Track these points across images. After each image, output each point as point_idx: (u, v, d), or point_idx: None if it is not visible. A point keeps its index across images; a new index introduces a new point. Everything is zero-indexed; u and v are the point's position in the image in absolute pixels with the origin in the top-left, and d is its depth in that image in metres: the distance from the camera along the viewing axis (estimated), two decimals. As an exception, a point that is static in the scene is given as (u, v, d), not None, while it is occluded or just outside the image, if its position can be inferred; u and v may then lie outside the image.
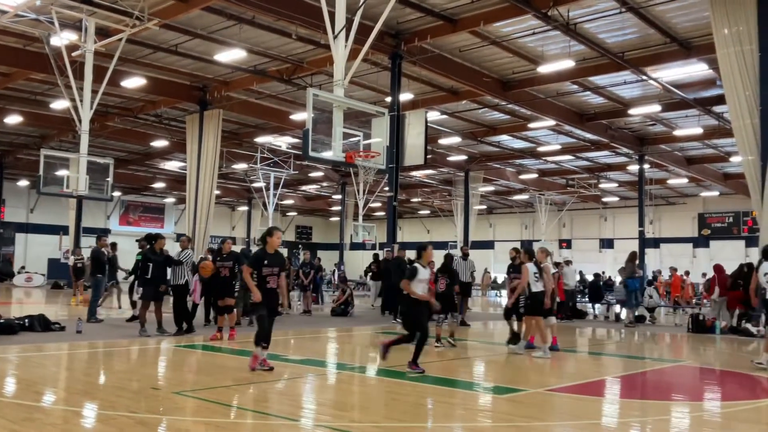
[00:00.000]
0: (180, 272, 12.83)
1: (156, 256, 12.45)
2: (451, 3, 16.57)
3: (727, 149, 29.50)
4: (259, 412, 6.63)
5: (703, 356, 12.64)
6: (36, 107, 25.67)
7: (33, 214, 43.19)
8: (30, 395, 6.90)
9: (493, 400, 7.62)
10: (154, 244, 12.65)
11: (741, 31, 14.47)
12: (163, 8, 16.48)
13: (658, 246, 42.58)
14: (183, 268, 12.86)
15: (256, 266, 8.51)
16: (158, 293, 12.48)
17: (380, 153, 12.16)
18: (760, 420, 7.01)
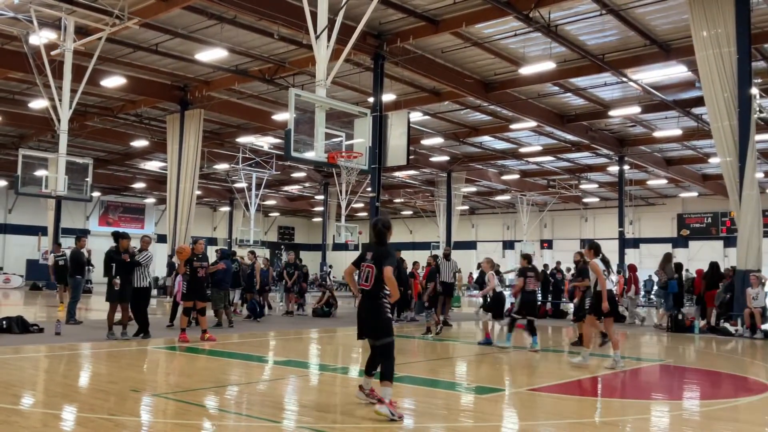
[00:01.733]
0: (141, 274, 12.25)
1: (119, 256, 12.01)
2: (434, 4, 16.60)
3: (705, 150, 29.84)
4: (240, 414, 6.59)
5: (682, 355, 12.76)
6: (14, 107, 25.35)
7: (11, 214, 42.63)
8: (8, 398, 6.81)
9: (476, 400, 7.64)
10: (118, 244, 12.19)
11: (719, 34, 14.67)
12: (144, 7, 16.34)
13: (637, 246, 42.95)
14: (145, 270, 12.28)
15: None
16: (123, 294, 12.05)
17: (363, 153, 12.16)
18: (738, 418, 7.09)
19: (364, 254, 6.63)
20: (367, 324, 6.55)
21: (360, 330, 6.67)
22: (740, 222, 14.91)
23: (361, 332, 6.66)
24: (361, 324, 6.63)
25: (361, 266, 6.56)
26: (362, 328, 6.62)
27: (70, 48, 16.55)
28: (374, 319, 6.47)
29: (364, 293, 6.52)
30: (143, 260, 12.33)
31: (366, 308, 6.54)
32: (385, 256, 6.43)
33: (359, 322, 6.65)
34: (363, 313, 6.57)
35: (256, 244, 33.21)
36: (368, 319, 6.53)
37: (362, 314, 6.58)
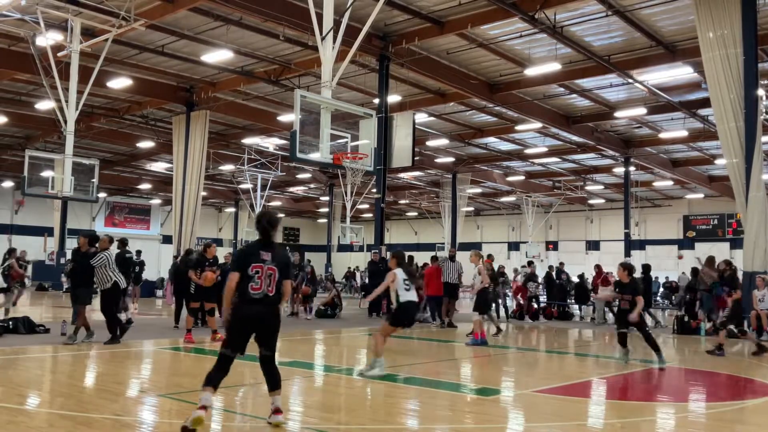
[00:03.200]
0: (104, 275, 11.42)
1: (80, 258, 11.55)
2: (439, 5, 16.60)
3: (712, 152, 29.75)
4: (245, 414, 6.60)
5: (688, 357, 12.72)
6: (21, 108, 25.44)
7: (18, 215, 42.79)
8: (14, 398, 6.83)
9: (480, 402, 7.63)
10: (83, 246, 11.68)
11: (726, 35, 14.62)
12: (150, 9, 16.39)
13: (643, 248, 42.82)
14: (107, 270, 11.40)
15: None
16: (77, 297, 11.63)
17: (368, 155, 12.16)
18: (744, 420, 7.07)
19: (254, 254, 5.75)
20: (267, 333, 5.80)
21: (239, 342, 5.71)
22: (747, 224, 14.85)
23: (239, 345, 5.73)
24: (250, 332, 5.75)
25: (255, 267, 5.68)
26: (258, 338, 5.80)
27: (76, 49, 16.61)
28: (275, 330, 5.85)
29: (260, 300, 5.67)
30: (95, 262, 11.31)
31: (268, 316, 5.76)
32: (288, 265, 5.96)
33: (248, 330, 5.73)
34: (264, 322, 5.76)
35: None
36: (270, 329, 5.81)
37: (261, 323, 5.75)
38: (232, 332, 5.71)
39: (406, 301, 8.96)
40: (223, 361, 5.70)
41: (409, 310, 9.08)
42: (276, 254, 5.78)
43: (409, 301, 8.99)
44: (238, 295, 5.69)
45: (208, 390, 5.58)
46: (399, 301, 9.04)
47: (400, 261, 9.20)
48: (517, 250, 47.82)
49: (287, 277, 5.88)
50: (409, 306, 9.04)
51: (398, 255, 9.34)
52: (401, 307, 9.00)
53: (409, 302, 9.01)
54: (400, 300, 9.00)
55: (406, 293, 8.96)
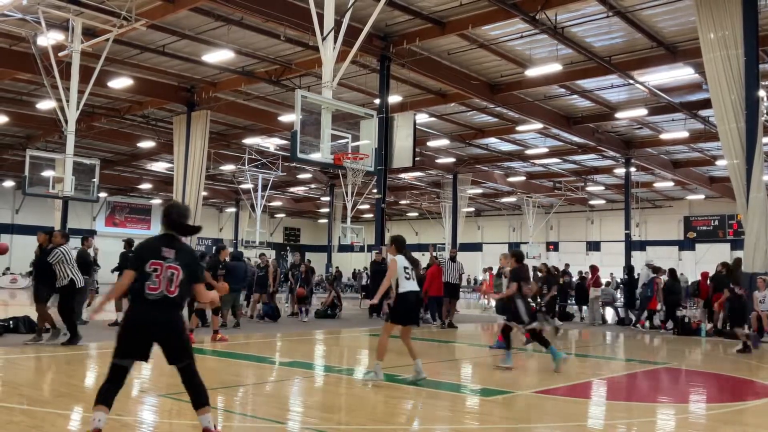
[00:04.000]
0: (62, 272, 11.10)
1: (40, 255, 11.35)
2: (440, 6, 16.60)
3: (712, 153, 29.74)
4: (245, 414, 6.60)
5: (689, 358, 12.72)
6: (22, 107, 25.46)
7: (18, 215, 42.81)
8: (14, 398, 6.84)
9: (481, 402, 7.63)
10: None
11: (727, 36, 14.61)
12: (151, 9, 16.40)
13: (644, 249, 42.81)
14: (64, 267, 11.08)
15: None
16: (38, 295, 11.41)
17: (368, 155, 12.16)
18: (745, 422, 7.06)
19: (154, 249, 4.97)
20: (169, 341, 4.93)
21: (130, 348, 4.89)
22: (747, 225, 14.84)
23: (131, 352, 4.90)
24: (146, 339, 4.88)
25: (154, 264, 4.90)
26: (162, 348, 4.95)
27: (77, 49, 16.62)
28: (178, 336, 4.97)
29: (158, 302, 4.86)
30: (51, 259, 11.03)
31: (164, 321, 4.90)
32: (196, 265, 5.11)
33: (141, 336, 4.87)
34: (162, 328, 4.90)
35: (261, 245, 33.26)
36: (171, 336, 4.94)
37: (159, 329, 4.89)
38: (121, 338, 4.90)
39: (405, 291, 8.09)
40: (114, 372, 4.87)
41: (409, 301, 8.16)
42: (180, 252, 4.97)
43: (409, 291, 8.10)
44: (132, 296, 4.96)
45: (100, 409, 4.81)
46: (398, 292, 8.15)
47: (400, 247, 8.28)
48: (517, 250, 47.75)
49: (196, 279, 5.07)
50: (409, 296, 8.12)
51: (397, 240, 8.39)
52: (400, 298, 8.14)
53: (410, 292, 8.12)
54: (400, 290, 8.11)
55: (406, 282, 8.11)
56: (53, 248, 11.15)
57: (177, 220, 5.11)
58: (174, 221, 5.10)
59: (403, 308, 8.18)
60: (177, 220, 5.11)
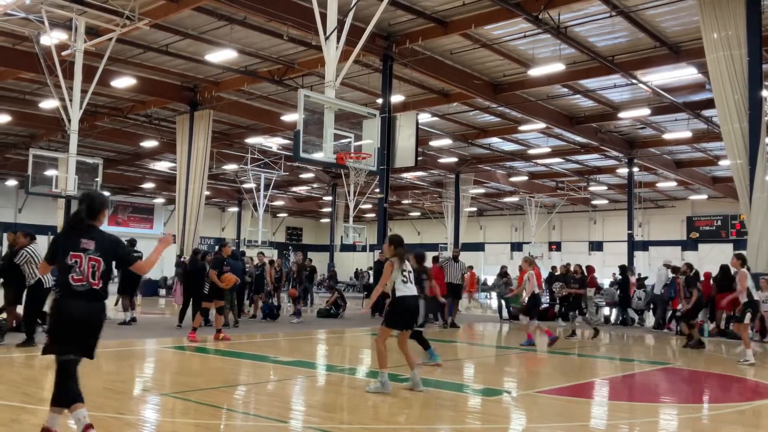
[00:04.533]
0: (29, 272, 10.91)
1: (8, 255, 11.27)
2: (443, 6, 16.60)
3: (715, 153, 29.69)
4: (248, 413, 6.61)
5: (691, 359, 12.70)
6: (25, 107, 25.50)
7: (21, 214, 42.89)
8: (17, 396, 6.85)
9: (483, 402, 7.63)
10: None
11: (730, 36, 14.59)
12: (154, 8, 16.41)
13: (647, 249, 42.77)
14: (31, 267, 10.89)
15: None
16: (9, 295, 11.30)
17: (371, 154, 12.15)
18: (746, 422, 7.06)
19: (73, 242, 4.80)
20: (87, 333, 4.77)
21: (67, 341, 4.72)
22: (750, 225, 14.83)
23: (69, 345, 4.72)
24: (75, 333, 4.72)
25: (74, 257, 4.75)
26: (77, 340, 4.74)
27: (80, 48, 16.64)
28: (97, 330, 4.83)
29: (84, 293, 4.73)
30: (18, 260, 10.92)
31: (89, 314, 4.77)
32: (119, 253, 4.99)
33: (70, 330, 4.72)
34: (87, 320, 4.76)
35: (264, 244, 33.26)
36: (92, 329, 4.80)
37: (83, 320, 4.74)
38: (55, 332, 4.78)
39: (401, 296, 7.62)
40: (61, 369, 4.75)
41: (405, 306, 7.67)
42: (101, 242, 4.86)
43: (406, 296, 7.64)
44: (59, 290, 4.82)
45: (54, 411, 4.82)
46: (394, 296, 7.70)
47: (398, 248, 7.73)
48: (520, 250, 47.76)
49: (127, 263, 5.07)
50: (405, 302, 7.65)
51: (394, 240, 7.84)
52: (395, 304, 7.69)
53: (407, 297, 7.64)
54: (396, 294, 7.66)
55: (403, 287, 7.63)
56: (19, 249, 10.98)
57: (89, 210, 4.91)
58: (87, 209, 4.91)
59: (398, 312, 7.69)
60: (89, 208, 4.92)
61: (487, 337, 16.50)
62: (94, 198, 5.08)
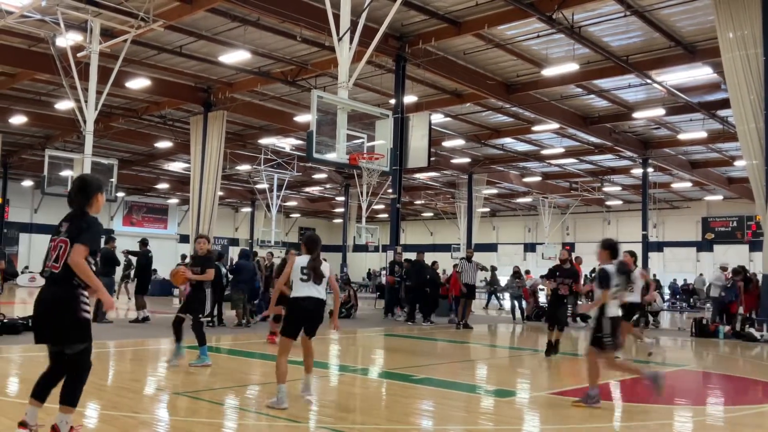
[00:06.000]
0: None
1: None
2: (456, 6, 16.58)
3: (731, 153, 29.46)
4: (261, 413, 6.62)
5: (707, 361, 12.60)
6: (41, 108, 25.73)
7: (37, 214, 43.27)
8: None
9: (496, 403, 7.61)
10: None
11: (746, 35, 14.46)
12: (168, 10, 16.52)
13: (661, 250, 42.49)
14: None
15: None
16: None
17: (384, 155, 12.17)
18: (764, 425, 6.99)
19: (59, 225, 4.67)
20: (48, 322, 4.54)
21: (37, 331, 4.62)
22: (766, 226, 14.69)
23: (40, 334, 4.61)
24: (38, 322, 4.61)
25: (52, 241, 4.60)
26: (41, 328, 4.59)
27: (95, 50, 16.76)
28: (59, 315, 4.49)
29: (48, 278, 4.55)
30: None
31: (49, 300, 4.52)
32: (81, 229, 4.50)
33: (35, 320, 4.64)
34: (42, 307, 4.53)
35: (277, 245, 33.36)
36: (51, 316, 4.52)
37: (41, 308, 4.53)
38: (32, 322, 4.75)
39: (296, 296, 6.57)
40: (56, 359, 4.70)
41: (299, 307, 6.54)
42: (74, 223, 4.57)
43: (301, 297, 6.53)
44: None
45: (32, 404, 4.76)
46: (290, 297, 6.70)
47: (310, 247, 6.78)
48: (533, 251, 47.63)
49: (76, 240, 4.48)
50: (300, 302, 6.53)
51: (307, 240, 6.93)
52: (290, 305, 6.69)
53: (302, 299, 6.53)
54: (292, 294, 6.65)
55: (300, 285, 6.55)
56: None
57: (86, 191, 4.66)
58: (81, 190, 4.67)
59: (292, 317, 6.64)
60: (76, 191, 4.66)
61: (500, 338, 16.46)
62: (85, 180, 4.81)
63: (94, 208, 4.71)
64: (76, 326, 4.55)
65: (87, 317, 4.60)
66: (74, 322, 4.53)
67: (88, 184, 4.74)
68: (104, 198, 4.85)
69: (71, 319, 4.51)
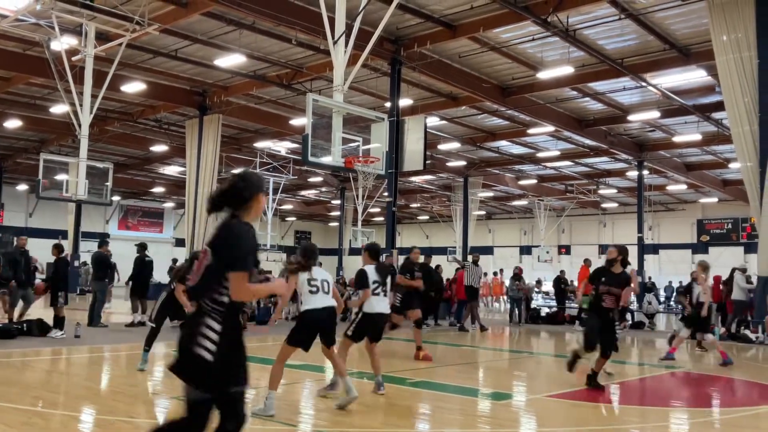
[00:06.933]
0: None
1: None
2: (451, 9, 16.60)
3: (726, 156, 29.52)
4: (257, 416, 6.61)
5: (701, 362, 12.62)
6: (36, 111, 25.66)
7: (32, 218, 43.14)
8: (28, 400, 6.88)
9: (492, 406, 7.61)
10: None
11: (740, 38, 14.53)
12: (163, 13, 16.50)
13: (657, 252, 42.54)
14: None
15: None
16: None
17: (379, 158, 12.18)
18: (759, 426, 7.00)
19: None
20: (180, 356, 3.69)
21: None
22: (761, 228, 14.74)
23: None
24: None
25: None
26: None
27: (90, 54, 16.75)
28: (185, 349, 3.66)
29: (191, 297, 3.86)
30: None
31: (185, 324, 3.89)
32: (228, 241, 3.53)
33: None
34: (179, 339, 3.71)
35: (272, 248, 33.31)
36: (180, 349, 3.69)
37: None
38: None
39: (310, 308, 6.79)
40: None
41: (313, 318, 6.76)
42: (217, 233, 3.68)
43: (318, 308, 6.76)
44: None
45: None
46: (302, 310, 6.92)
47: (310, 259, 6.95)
48: (529, 254, 47.67)
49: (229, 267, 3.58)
50: (314, 314, 6.76)
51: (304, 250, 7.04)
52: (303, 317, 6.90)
53: (319, 310, 6.76)
54: (302, 307, 6.89)
55: (310, 298, 6.77)
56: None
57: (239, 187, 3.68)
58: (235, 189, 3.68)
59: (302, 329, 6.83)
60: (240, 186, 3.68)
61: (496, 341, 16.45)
62: (245, 177, 3.72)
63: (253, 212, 3.70)
64: (190, 364, 3.60)
65: (205, 357, 3.51)
66: (189, 358, 3.60)
67: (249, 181, 3.69)
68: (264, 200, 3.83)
69: (187, 353, 3.60)
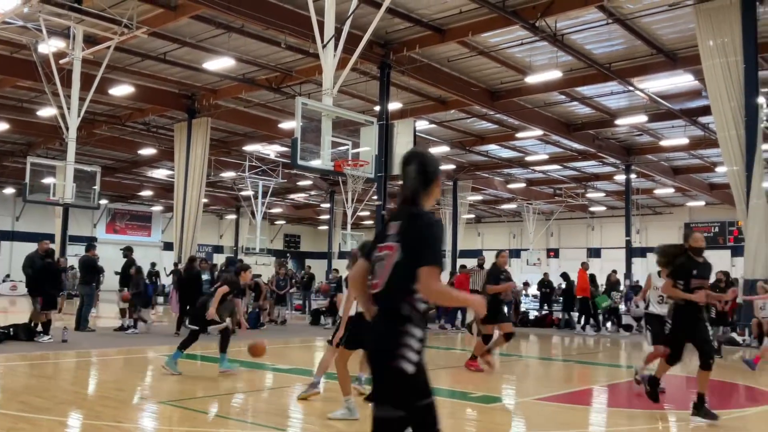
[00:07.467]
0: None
1: None
2: (440, 13, 16.64)
3: (712, 159, 29.74)
4: (245, 421, 6.59)
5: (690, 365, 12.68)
6: (23, 114, 25.48)
7: (19, 222, 42.82)
8: (15, 405, 6.83)
9: (481, 410, 7.61)
10: None
11: (726, 43, 14.65)
12: (152, 16, 16.43)
13: (645, 255, 42.70)
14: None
15: None
16: None
17: (369, 162, 12.19)
18: (747, 428, 7.05)
19: (384, 230, 3.24)
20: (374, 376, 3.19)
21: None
22: (747, 231, 14.85)
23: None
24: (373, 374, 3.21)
25: (376, 252, 3.21)
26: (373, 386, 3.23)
27: (78, 57, 16.66)
28: (380, 364, 3.14)
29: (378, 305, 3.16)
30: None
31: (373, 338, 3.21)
32: (422, 232, 3.07)
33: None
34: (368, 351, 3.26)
35: (262, 252, 33.24)
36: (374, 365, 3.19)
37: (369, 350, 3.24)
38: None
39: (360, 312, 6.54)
40: None
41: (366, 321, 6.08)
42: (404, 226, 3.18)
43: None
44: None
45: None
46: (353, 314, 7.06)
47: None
48: (518, 257, 47.77)
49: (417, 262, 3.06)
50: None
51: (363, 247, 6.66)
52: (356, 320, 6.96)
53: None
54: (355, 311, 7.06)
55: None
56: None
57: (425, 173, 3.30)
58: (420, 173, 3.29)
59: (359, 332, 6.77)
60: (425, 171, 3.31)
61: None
62: (425, 155, 3.36)
63: (433, 196, 3.31)
64: (393, 381, 3.10)
65: (407, 370, 3.05)
66: (391, 376, 3.09)
67: (429, 161, 3.30)
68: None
69: (386, 368, 3.10)
